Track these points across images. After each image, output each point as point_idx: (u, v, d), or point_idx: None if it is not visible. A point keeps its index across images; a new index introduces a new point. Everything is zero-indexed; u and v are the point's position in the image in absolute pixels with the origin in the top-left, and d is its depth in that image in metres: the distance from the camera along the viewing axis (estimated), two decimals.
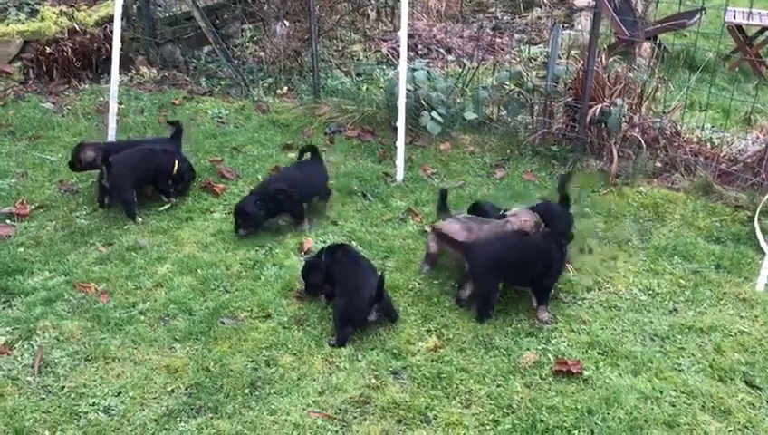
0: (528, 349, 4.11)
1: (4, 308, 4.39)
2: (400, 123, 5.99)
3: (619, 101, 6.06)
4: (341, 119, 7.12)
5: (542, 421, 3.59)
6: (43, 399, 3.72)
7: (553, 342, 4.18)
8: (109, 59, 7.20)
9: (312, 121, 7.18)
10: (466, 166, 6.32)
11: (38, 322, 4.26)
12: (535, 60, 8.50)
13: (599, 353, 4.09)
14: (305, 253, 4.99)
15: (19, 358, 4.00)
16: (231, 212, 5.50)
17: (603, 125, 6.17)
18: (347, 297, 4.20)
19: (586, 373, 3.91)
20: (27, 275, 4.70)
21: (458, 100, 6.92)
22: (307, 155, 5.63)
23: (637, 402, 3.71)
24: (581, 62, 6.41)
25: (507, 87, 6.71)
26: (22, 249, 4.96)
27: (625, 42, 8.78)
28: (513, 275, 4.42)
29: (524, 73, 6.73)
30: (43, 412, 3.63)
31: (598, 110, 6.01)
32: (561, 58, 6.91)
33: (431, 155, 6.49)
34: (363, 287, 4.18)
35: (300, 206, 5.31)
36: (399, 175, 6.04)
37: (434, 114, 6.42)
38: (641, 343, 4.18)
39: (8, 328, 4.21)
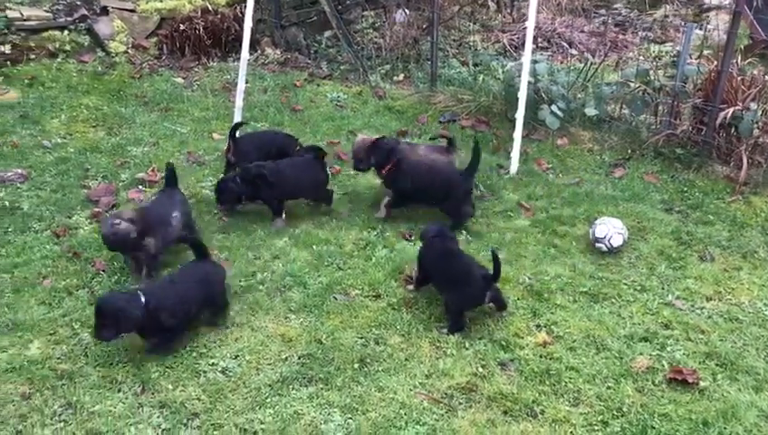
0: (641, 354, 4.01)
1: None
2: (519, 115, 5.93)
3: (753, 105, 5.76)
4: (457, 108, 7.12)
5: (653, 428, 3.50)
6: (167, 355, 3.96)
7: (668, 349, 4.06)
8: (237, 39, 7.52)
9: (426, 109, 7.23)
10: (584, 163, 6.20)
11: None
12: (660, 58, 8.19)
13: (717, 365, 3.94)
14: (409, 238, 5.05)
15: None
16: (346, 193, 5.65)
17: (734, 130, 5.89)
18: (459, 284, 4.22)
19: (702, 384, 3.78)
20: None
21: (579, 95, 6.78)
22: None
23: (757, 420, 3.55)
24: (714, 62, 6.12)
25: (632, 85, 6.50)
26: None
27: (763, 43, 8.29)
28: None
29: (651, 72, 6.50)
30: (166, 367, 3.87)
31: (729, 113, 5.73)
32: (691, 57, 6.63)
33: (547, 149, 6.40)
34: (473, 269, 4.21)
35: (277, 200, 5.23)
36: (513, 167, 5.99)
37: (553, 108, 6.33)
38: (765, 359, 3.99)
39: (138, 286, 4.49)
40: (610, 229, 4.90)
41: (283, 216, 5.24)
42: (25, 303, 4.28)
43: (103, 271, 4.59)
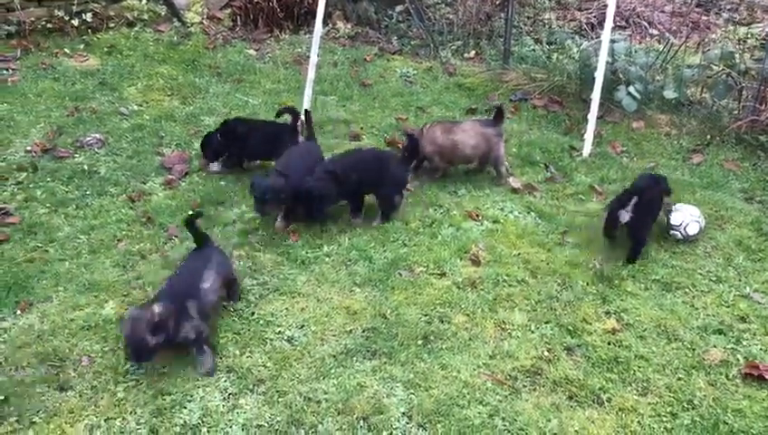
0: (715, 346, 3.88)
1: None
2: (595, 95, 5.77)
3: None
4: (529, 87, 6.98)
5: (725, 423, 3.39)
6: (235, 321, 4.04)
7: (744, 343, 3.91)
8: (309, 12, 7.54)
9: (497, 87, 7.11)
10: (660, 147, 6.00)
11: (235, 250, 4.60)
12: (746, 41, 7.81)
13: None
14: (476, 217, 5.00)
15: None
16: (411, 169, 5.61)
17: None
18: None
19: None
20: (227, 206, 5.08)
21: (658, 77, 6.54)
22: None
23: None
24: None
25: (715, 68, 6.23)
26: (223, 183, 5.36)
27: None
28: None
29: (737, 54, 6.21)
30: (234, 333, 3.95)
31: None
32: None
33: (622, 132, 6.21)
34: None
35: (244, 158, 5.54)
36: (587, 150, 5.84)
37: (631, 89, 6.13)
38: None
39: None
40: (687, 217, 4.73)
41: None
42: (101, 264, 4.43)
43: (176, 237, 4.70)
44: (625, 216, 4.55)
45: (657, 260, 4.61)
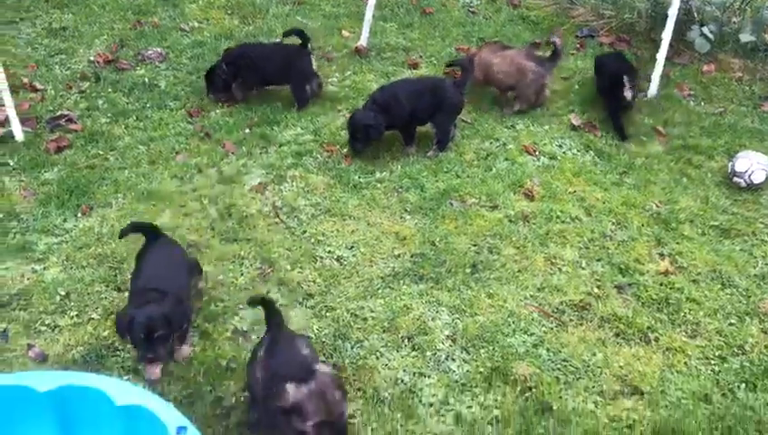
0: None
1: (261, 153, 4.82)
2: (666, 34, 5.52)
3: None
4: (596, 23, 6.71)
5: None
6: (287, 238, 4.10)
7: None
8: None
9: (563, 22, 6.85)
10: (730, 93, 5.75)
11: (288, 170, 4.64)
12: None
13: None
14: (532, 153, 4.92)
15: (270, 198, 4.40)
16: (470, 101, 5.52)
17: None
18: None
19: None
20: (282, 127, 5.09)
21: (735, 19, 6.21)
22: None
23: None
24: None
25: None
26: (279, 104, 5.36)
27: None
28: None
29: None
30: (286, 249, 4.01)
31: None
32: None
33: (691, 75, 5.96)
34: None
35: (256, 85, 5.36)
36: (652, 90, 5.64)
37: (705, 30, 5.84)
38: None
39: (263, 171, 4.63)
40: (753, 164, 4.57)
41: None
42: (159, 175, 4.52)
43: (232, 153, 4.75)
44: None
45: (717, 206, 4.48)
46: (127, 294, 3.52)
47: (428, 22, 6.78)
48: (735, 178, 4.63)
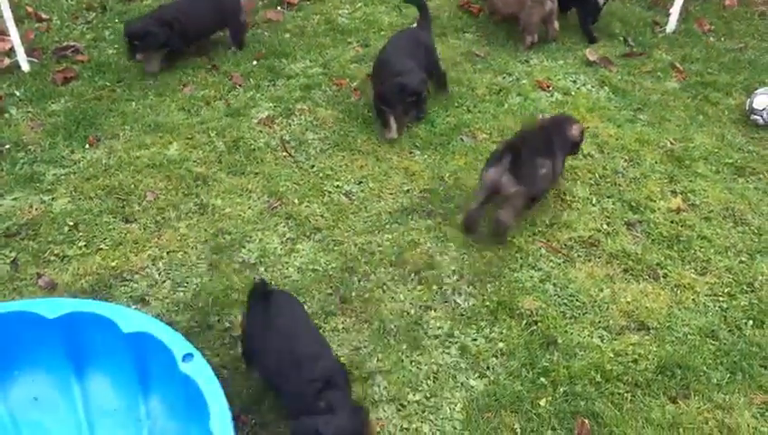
0: None
1: (268, 86, 4.74)
2: None
3: None
4: None
5: None
6: (295, 172, 4.07)
7: None
8: None
9: None
10: (752, 28, 5.58)
11: (297, 104, 4.57)
12: None
13: None
14: (545, 89, 4.82)
15: (278, 132, 4.35)
16: (484, 35, 5.39)
17: None
18: None
19: None
20: (291, 60, 4.99)
21: None
22: None
23: None
24: None
25: None
26: (288, 36, 5.25)
27: None
28: None
29: None
30: (294, 183, 3.99)
31: None
32: None
33: (712, 9, 5.78)
34: None
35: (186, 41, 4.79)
36: (671, 25, 5.47)
37: None
38: None
39: (271, 104, 4.57)
40: None
41: None
42: (167, 107, 4.47)
43: (240, 85, 4.68)
44: None
45: (732, 144, 4.40)
46: (134, 224, 3.54)
47: None
48: (753, 116, 4.52)
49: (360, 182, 4.02)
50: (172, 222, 3.69)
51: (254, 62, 4.91)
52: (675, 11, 5.48)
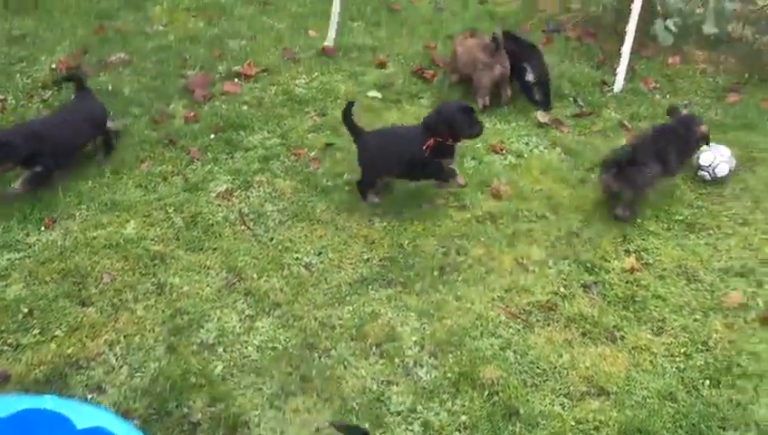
0: (735, 289, 3.83)
1: (226, 159, 4.77)
2: (630, 28, 5.55)
3: None
4: (563, 17, 6.74)
5: (739, 365, 3.38)
6: (254, 246, 4.07)
7: (766, 287, 3.85)
8: None
9: (530, 17, 6.87)
10: (695, 85, 5.80)
11: (255, 176, 4.60)
12: None
13: None
14: (499, 152, 4.92)
15: (237, 205, 4.36)
16: (438, 99, 5.52)
17: None
18: None
19: None
20: (249, 132, 5.04)
21: (698, 10, 6.25)
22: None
23: None
24: None
25: (760, 2, 5.95)
26: (245, 108, 5.31)
27: None
28: None
29: None
30: (252, 257, 3.98)
31: None
32: None
33: (656, 68, 6.01)
34: None
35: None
36: (619, 85, 5.67)
37: (668, 23, 5.88)
38: None
39: (229, 177, 4.59)
40: (717, 157, 4.61)
41: None
42: (123, 184, 4.47)
43: (198, 160, 4.71)
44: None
45: (682, 200, 4.52)
46: (91, 308, 3.50)
47: (395, 20, 6.77)
48: (700, 172, 4.67)
49: (320, 253, 4.04)
50: (129, 304, 3.65)
51: (212, 136, 4.95)
52: (621, 70, 5.68)
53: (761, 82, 5.78)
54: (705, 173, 4.65)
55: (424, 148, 4.19)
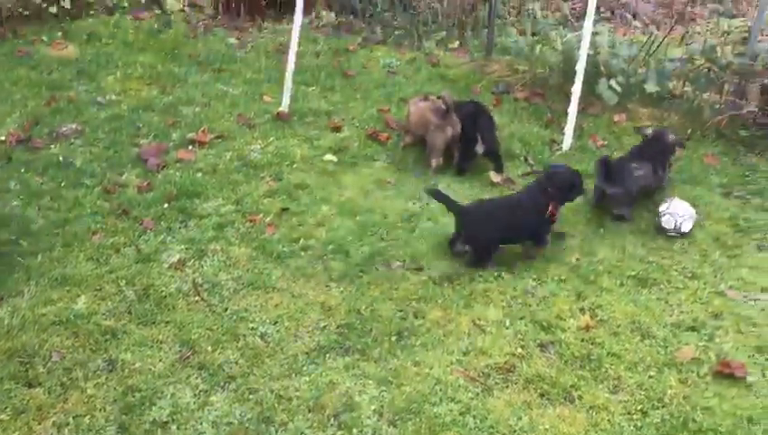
0: (687, 343, 3.88)
1: (180, 228, 4.73)
2: (576, 88, 5.74)
3: None
4: (511, 79, 6.95)
5: (694, 421, 3.40)
6: (208, 317, 4.00)
7: (717, 340, 3.92)
8: (292, 0, 7.43)
9: (480, 79, 7.07)
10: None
11: (209, 244, 4.57)
12: (730, 34, 7.79)
13: (767, 360, 3.79)
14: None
15: (190, 275, 4.31)
16: (393, 161, 5.59)
17: None
18: None
19: (750, 379, 3.65)
20: (203, 199, 5.03)
21: (640, 69, 6.51)
22: None
23: None
24: None
25: (697, 61, 6.22)
26: (200, 175, 5.31)
27: None
28: None
29: (719, 48, 6.20)
30: (207, 329, 3.91)
31: None
32: (762, 34, 6.30)
33: (603, 125, 6.20)
34: None
35: None
36: (567, 143, 5.83)
37: (612, 83, 6.10)
38: None
39: (183, 246, 4.54)
40: (677, 219, 4.74)
41: None
42: (74, 258, 4.38)
43: (151, 229, 4.66)
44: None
45: (633, 256, 4.61)
46: (38, 388, 3.38)
47: (350, 84, 6.89)
48: (667, 234, 4.77)
49: (276, 322, 3.99)
50: (79, 382, 3.54)
51: (166, 205, 4.91)
52: (569, 129, 5.85)
53: (702, 138, 6.00)
54: (673, 235, 4.76)
55: (548, 214, 4.50)
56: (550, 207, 4.48)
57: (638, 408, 3.49)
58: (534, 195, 4.55)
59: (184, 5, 8.17)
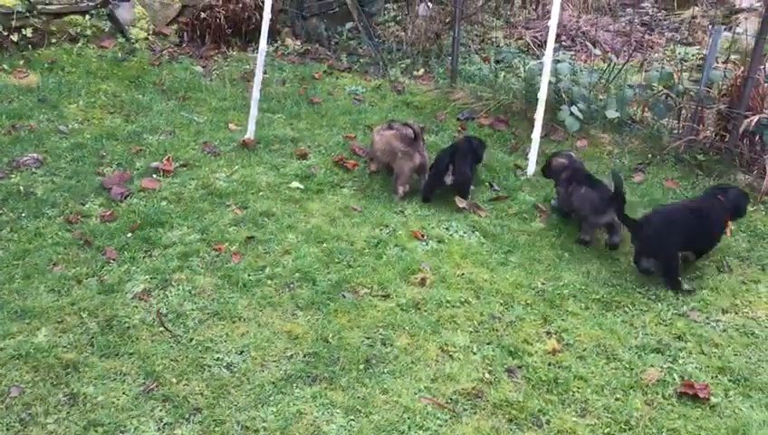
0: (652, 365, 3.93)
1: (144, 257, 4.67)
2: (538, 115, 5.84)
3: None
4: (476, 106, 7.04)
5: None
6: (173, 348, 3.94)
7: (680, 362, 3.97)
8: (257, 28, 7.45)
9: (445, 106, 7.15)
10: (602, 166, 6.09)
11: (174, 274, 4.51)
12: (686, 61, 8.03)
13: (730, 381, 3.85)
14: (421, 237, 5.01)
15: (155, 305, 4.25)
16: (360, 188, 5.61)
17: (758, 138, 5.76)
18: None
19: (714, 400, 3.70)
20: (168, 228, 4.97)
21: (601, 96, 6.66)
22: None
23: None
24: (742, 67, 5.98)
25: (655, 88, 6.38)
26: (164, 204, 5.26)
27: None
28: None
29: (675, 75, 6.37)
30: (171, 360, 3.85)
31: (755, 121, 5.59)
32: (717, 61, 6.49)
33: (566, 149, 6.29)
34: None
35: None
36: (531, 169, 5.91)
37: (573, 109, 6.22)
38: None
39: (147, 276, 4.48)
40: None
41: None
42: (35, 289, 4.29)
43: (114, 260, 4.59)
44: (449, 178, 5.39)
45: (598, 279, 4.67)
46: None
47: (315, 111, 6.92)
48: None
49: (242, 352, 3.94)
50: (39, 418, 3.45)
51: (129, 234, 4.85)
52: (533, 155, 5.94)
53: (662, 163, 6.13)
54: None
55: (725, 228, 4.78)
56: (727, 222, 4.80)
57: (606, 431, 3.51)
58: (718, 209, 4.75)
59: (148, 34, 8.13)
